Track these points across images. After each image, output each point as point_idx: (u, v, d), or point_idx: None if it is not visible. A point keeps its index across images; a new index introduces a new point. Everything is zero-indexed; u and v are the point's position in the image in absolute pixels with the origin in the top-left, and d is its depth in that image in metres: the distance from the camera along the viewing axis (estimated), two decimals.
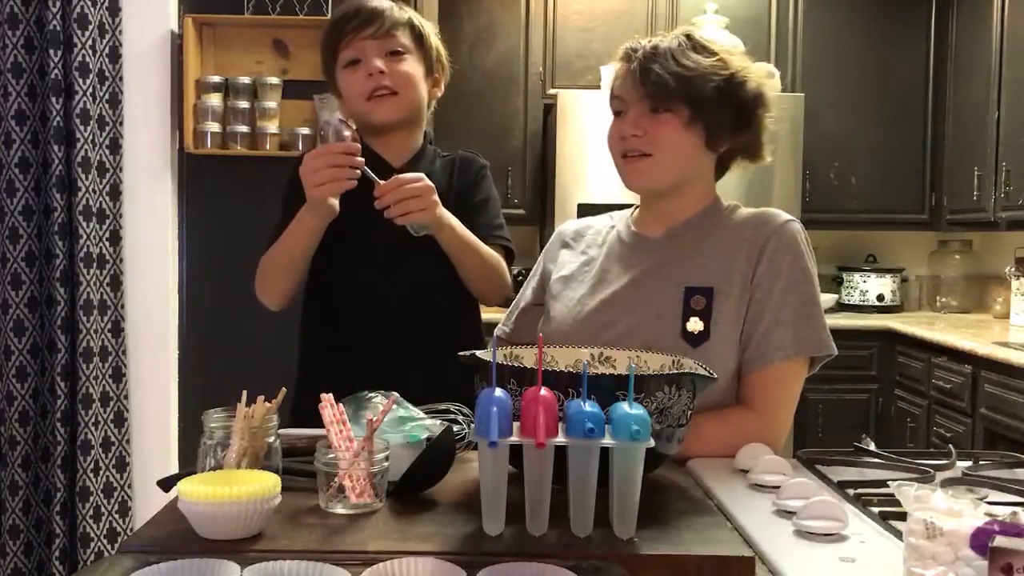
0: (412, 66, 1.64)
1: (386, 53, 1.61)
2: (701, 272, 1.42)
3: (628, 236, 1.54)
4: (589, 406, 0.92)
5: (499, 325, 1.70)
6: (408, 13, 1.66)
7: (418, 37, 1.65)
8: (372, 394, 1.24)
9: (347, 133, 1.52)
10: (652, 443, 0.91)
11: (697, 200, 1.49)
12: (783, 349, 1.37)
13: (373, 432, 1.04)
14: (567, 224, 1.67)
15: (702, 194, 1.50)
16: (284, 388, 1.13)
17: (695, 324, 1.38)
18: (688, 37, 1.43)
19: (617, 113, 1.48)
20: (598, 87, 3.89)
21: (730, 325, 1.38)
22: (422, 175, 1.51)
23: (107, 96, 2.73)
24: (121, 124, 2.77)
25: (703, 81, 1.38)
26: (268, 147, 2.89)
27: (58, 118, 2.64)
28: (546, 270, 1.63)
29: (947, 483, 1.14)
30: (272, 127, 2.90)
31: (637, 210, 1.58)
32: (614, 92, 1.48)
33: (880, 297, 4.23)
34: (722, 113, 1.41)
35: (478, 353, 1.12)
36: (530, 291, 1.66)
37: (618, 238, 1.55)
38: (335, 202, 1.51)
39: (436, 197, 1.51)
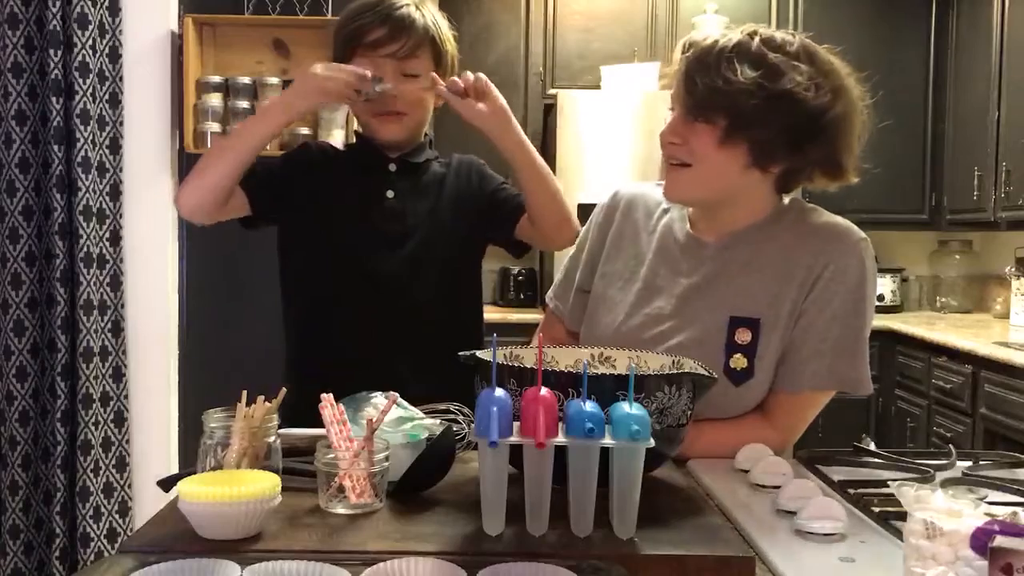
0: (418, 86, 1.62)
1: (401, 73, 1.59)
2: (749, 298, 1.33)
3: (683, 235, 1.42)
4: (589, 406, 0.92)
5: (550, 296, 1.60)
6: (432, 29, 1.60)
7: (437, 55, 1.62)
8: (372, 394, 1.24)
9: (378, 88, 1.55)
10: (652, 443, 0.92)
11: (753, 212, 1.38)
12: (817, 379, 1.32)
13: (373, 432, 1.04)
14: (611, 200, 1.54)
15: (761, 205, 1.38)
16: (284, 388, 1.13)
17: (739, 361, 1.31)
18: (751, 36, 1.30)
19: (672, 111, 1.36)
20: (598, 87, 3.89)
21: (772, 356, 1.33)
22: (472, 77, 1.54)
23: (107, 96, 2.73)
24: (121, 124, 2.77)
25: (745, 96, 1.25)
26: (268, 147, 2.88)
27: (58, 118, 2.64)
28: (594, 252, 1.52)
29: (947, 483, 1.14)
30: None
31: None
32: (672, 91, 1.37)
33: (880, 297, 4.23)
34: (767, 131, 1.28)
35: (478, 353, 1.12)
36: (579, 273, 1.55)
37: (672, 235, 1.44)
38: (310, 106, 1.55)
39: (495, 94, 1.55)
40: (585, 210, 1.62)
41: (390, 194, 1.65)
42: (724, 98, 1.26)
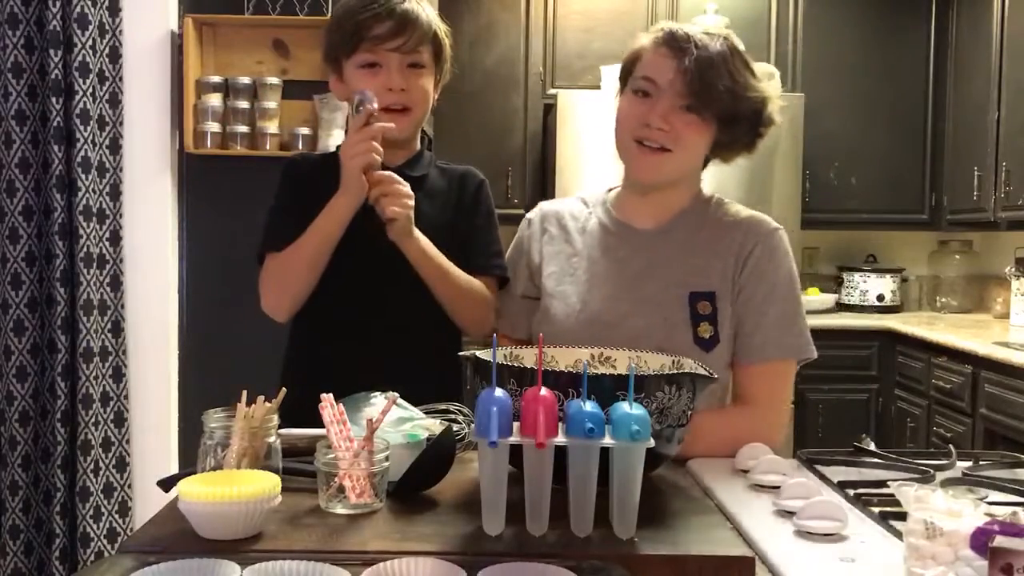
0: (427, 82, 1.61)
1: (406, 65, 1.58)
2: (702, 275, 1.46)
3: (613, 224, 1.54)
4: (589, 406, 0.92)
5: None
6: (434, 24, 1.61)
7: (437, 51, 1.62)
8: (372, 394, 1.24)
9: (375, 105, 1.52)
10: (652, 443, 0.92)
11: (686, 192, 1.53)
12: (767, 350, 1.43)
13: (373, 432, 1.04)
14: (539, 212, 1.63)
15: (691, 185, 1.54)
16: (284, 388, 1.13)
17: (706, 329, 1.43)
18: (731, 46, 1.42)
19: (643, 93, 1.45)
20: (598, 87, 3.89)
21: (729, 325, 1.44)
22: (407, 185, 1.51)
23: (107, 96, 2.73)
24: (121, 124, 2.77)
25: (749, 103, 1.42)
26: (268, 147, 2.89)
27: (58, 118, 2.64)
28: (532, 262, 1.60)
29: (947, 483, 1.14)
30: (272, 127, 2.90)
31: (613, 195, 1.58)
32: (647, 74, 1.44)
33: (880, 297, 4.23)
34: (745, 132, 1.46)
35: (478, 353, 1.12)
36: (519, 283, 1.61)
37: (600, 226, 1.55)
38: (364, 181, 1.51)
39: (411, 205, 1.50)
40: None
41: None
42: (737, 102, 1.40)
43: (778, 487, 1.09)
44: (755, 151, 1.52)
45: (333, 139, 2.84)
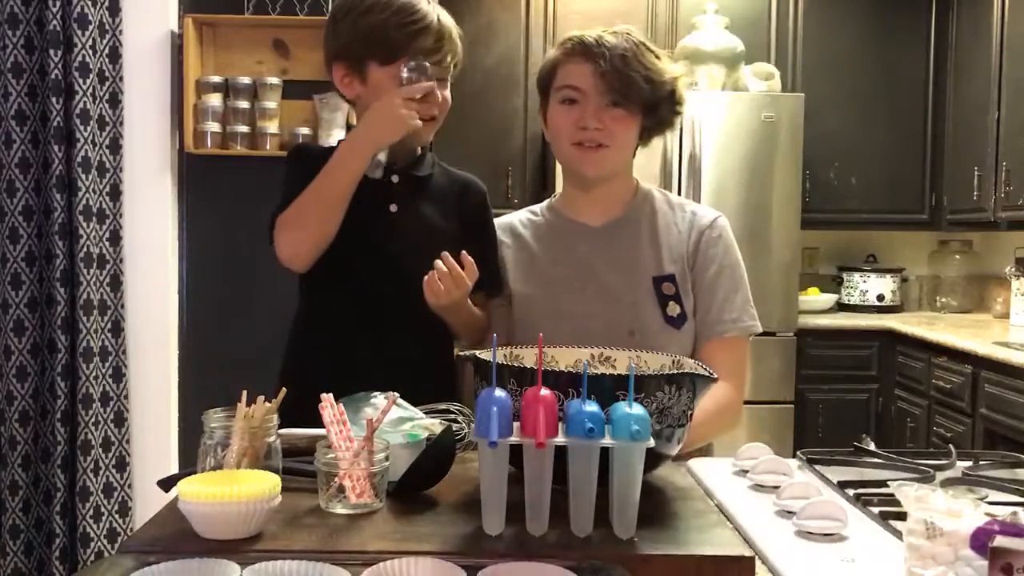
0: (448, 91, 1.64)
1: (438, 78, 1.60)
2: (659, 262, 1.56)
3: (565, 224, 1.62)
4: (589, 406, 0.92)
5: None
6: (458, 41, 1.64)
7: (456, 61, 1.65)
8: (372, 394, 1.24)
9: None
10: (652, 443, 0.92)
11: (626, 183, 1.63)
12: (720, 326, 1.55)
13: (373, 432, 1.04)
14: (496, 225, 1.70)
15: (628, 177, 1.64)
16: (284, 388, 1.13)
17: (673, 308, 1.54)
18: (635, 39, 1.54)
19: (570, 101, 1.55)
20: None
21: (689, 302, 1.55)
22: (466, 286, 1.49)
23: (107, 96, 2.73)
24: (121, 124, 2.77)
25: (665, 87, 1.52)
26: (268, 147, 2.89)
27: (58, 118, 2.64)
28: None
29: (947, 483, 1.14)
30: (272, 127, 2.90)
31: (558, 199, 1.67)
32: (569, 83, 1.55)
33: (880, 297, 4.23)
34: (667, 113, 1.56)
35: (478, 353, 1.12)
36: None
37: (553, 228, 1.64)
38: (404, 120, 1.51)
39: (450, 296, 1.48)
40: None
41: (393, 208, 1.61)
42: (652, 87, 1.50)
43: (778, 487, 1.09)
44: (674, 127, 1.63)
45: (333, 139, 2.84)
